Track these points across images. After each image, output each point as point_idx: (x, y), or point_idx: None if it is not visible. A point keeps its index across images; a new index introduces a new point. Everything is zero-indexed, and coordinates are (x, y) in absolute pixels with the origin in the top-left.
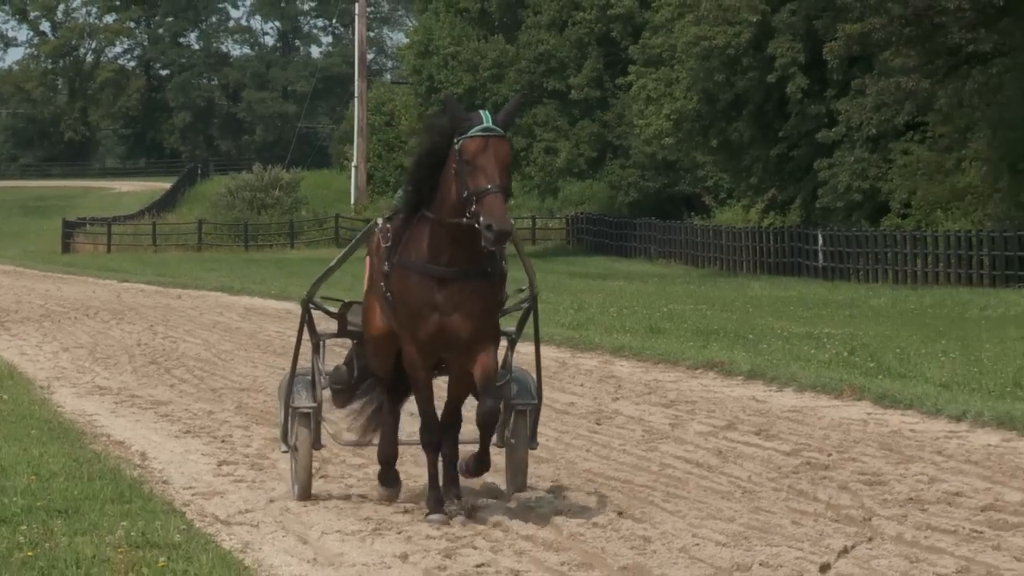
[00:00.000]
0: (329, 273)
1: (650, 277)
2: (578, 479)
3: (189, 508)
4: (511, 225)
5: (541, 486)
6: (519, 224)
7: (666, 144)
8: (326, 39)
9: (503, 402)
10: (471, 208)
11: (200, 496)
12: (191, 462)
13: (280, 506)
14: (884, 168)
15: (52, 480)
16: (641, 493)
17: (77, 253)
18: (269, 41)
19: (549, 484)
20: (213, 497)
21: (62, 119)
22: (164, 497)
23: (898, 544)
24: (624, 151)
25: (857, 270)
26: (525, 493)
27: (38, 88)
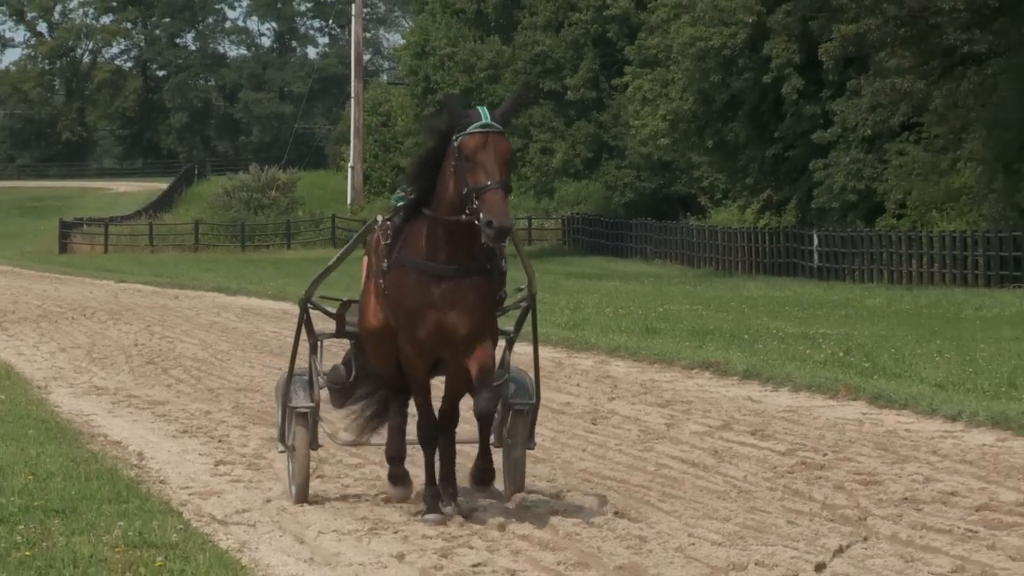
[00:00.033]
0: (328, 272)
1: (646, 277)
2: (574, 479)
3: (186, 508)
4: (511, 221)
5: (537, 486)
6: (516, 224)
7: (662, 145)
8: (322, 40)
9: (501, 401)
10: (471, 205)
11: (197, 496)
12: (188, 462)
13: (277, 506)
14: (879, 169)
15: (49, 480)
16: (637, 493)
17: (74, 253)
18: (266, 42)
19: (545, 484)
20: (210, 497)
21: (59, 120)
22: (161, 497)
23: (893, 543)
24: (620, 152)
25: (852, 270)
26: (521, 493)
27: (35, 89)
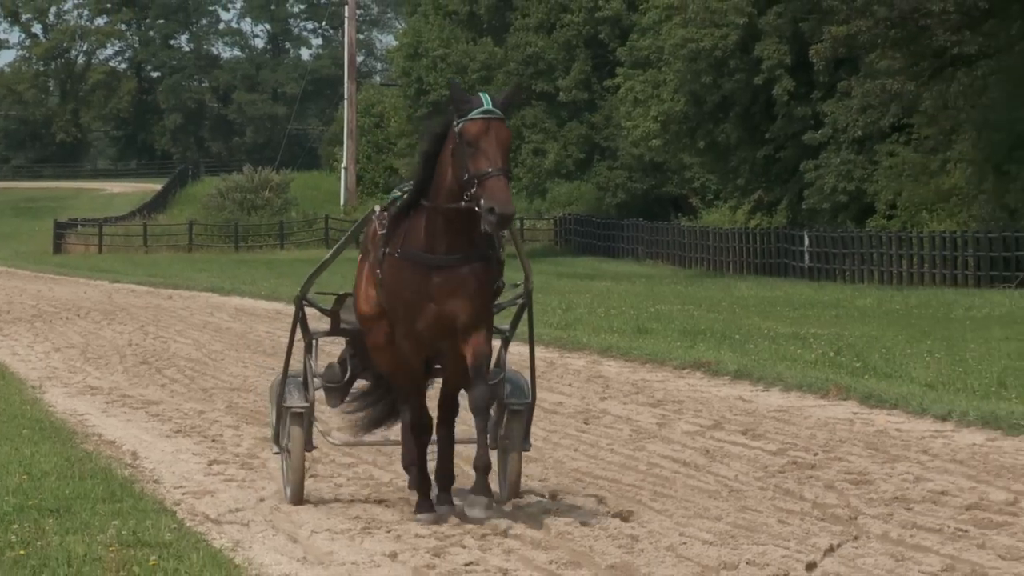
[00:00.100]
0: (325, 266)
1: (637, 278)
2: (566, 478)
3: (180, 507)
4: (514, 208)
5: (530, 485)
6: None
7: (653, 146)
8: (316, 41)
9: (496, 401)
10: (471, 191)
11: (191, 495)
12: (182, 461)
13: (270, 505)
14: (870, 170)
15: (44, 479)
16: (629, 492)
17: (68, 254)
18: (259, 43)
19: (537, 483)
20: (204, 496)
21: (54, 121)
22: (155, 496)
23: (884, 543)
24: (612, 153)
25: (843, 271)
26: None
27: (30, 90)
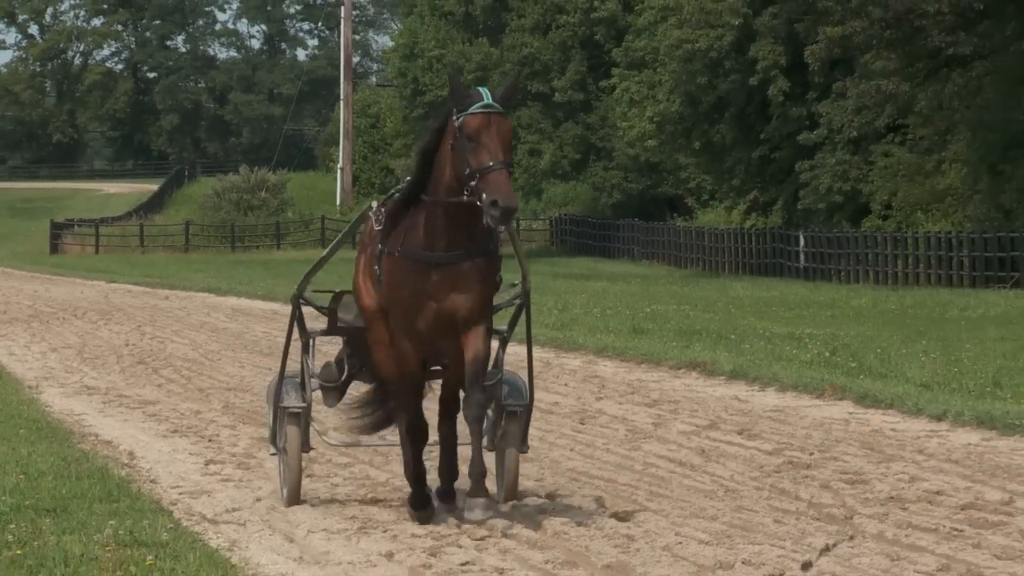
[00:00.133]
0: (321, 264)
1: (633, 278)
2: (562, 478)
3: (176, 507)
4: (517, 202)
5: (526, 485)
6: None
7: (649, 146)
8: (312, 42)
9: (494, 403)
10: (472, 184)
11: (187, 495)
12: (178, 461)
13: (267, 505)
14: (865, 170)
15: (40, 479)
16: (625, 492)
17: (65, 254)
18: (255, 44)
19: (533, 483)
20: (200, 496)
21: (50, 121)
22: (152, 496)
23: (879, 542)
24: (607, 153)
25: (838, 271)
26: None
27: (26, 91)
